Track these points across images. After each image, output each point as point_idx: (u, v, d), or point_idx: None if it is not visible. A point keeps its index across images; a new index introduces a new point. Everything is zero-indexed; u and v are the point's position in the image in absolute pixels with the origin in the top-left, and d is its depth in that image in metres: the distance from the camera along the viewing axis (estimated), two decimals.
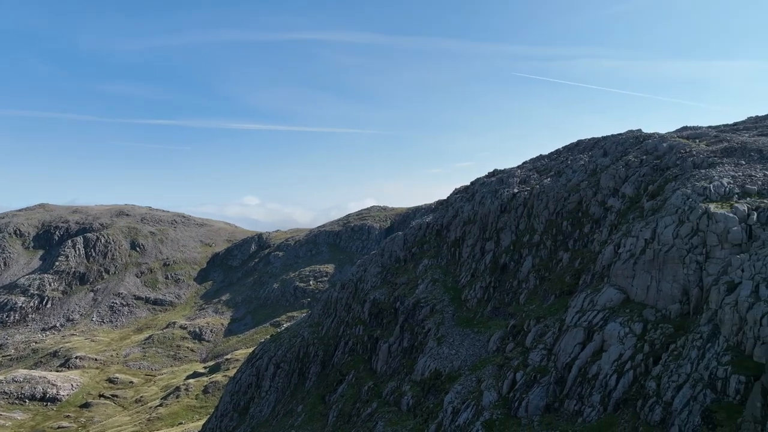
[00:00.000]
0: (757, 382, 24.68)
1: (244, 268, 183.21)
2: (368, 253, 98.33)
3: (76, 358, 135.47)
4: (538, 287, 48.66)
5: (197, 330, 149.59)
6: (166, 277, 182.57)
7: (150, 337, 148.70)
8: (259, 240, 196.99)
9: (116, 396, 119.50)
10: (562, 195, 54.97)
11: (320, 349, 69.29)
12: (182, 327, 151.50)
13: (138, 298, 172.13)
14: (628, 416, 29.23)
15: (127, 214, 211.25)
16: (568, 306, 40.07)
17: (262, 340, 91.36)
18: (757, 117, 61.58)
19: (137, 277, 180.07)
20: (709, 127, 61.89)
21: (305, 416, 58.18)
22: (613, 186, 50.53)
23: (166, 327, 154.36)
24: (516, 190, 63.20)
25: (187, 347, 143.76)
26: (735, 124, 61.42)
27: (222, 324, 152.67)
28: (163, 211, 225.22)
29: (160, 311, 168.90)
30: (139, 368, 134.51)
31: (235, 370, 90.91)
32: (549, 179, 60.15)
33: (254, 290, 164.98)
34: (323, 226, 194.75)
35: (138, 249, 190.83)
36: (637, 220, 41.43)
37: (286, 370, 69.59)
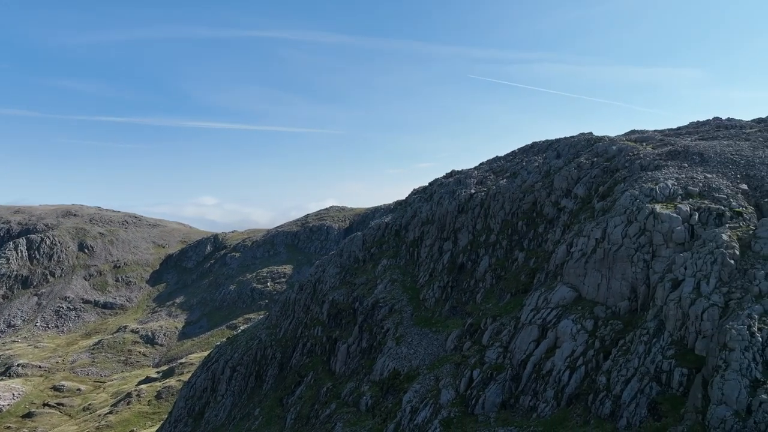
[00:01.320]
0: (699, 374, 25.95)
1: (199, 270, 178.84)
2: (327, 254, 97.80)
3: (18, 365, 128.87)
4: (495, 286, 49.59)
5: (150, 334, 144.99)
6: (117, 280, 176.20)
7: (99, 342, 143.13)
8: (215, 241, 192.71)
9: (62, 404, 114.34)
10: (517, 196, 56.22)
11: (278, 351, 68.40)
12: (134, 331, 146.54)
13: (86, 301, 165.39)
14: (580, 410, 30.17)
15: (75, 215, 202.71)
16: (524, 304, 41.02)
17: (218, 343, 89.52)
18: (698, 122, 64.74)
19: (85, 279, 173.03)
20: (655, 131, 64.62)
21: (262, 419, 57.30)
22: (565, 187, 52.05)
23: (117, 331, 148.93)
24: (473, 191, 64.21)
25: (139, 352, 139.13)
26: (678, 128, 64.37)
27: (176, 327, 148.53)
28: (114, 211, 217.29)
29: (111, 315, 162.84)
30: (88, 375, 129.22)
31: (189, 375, 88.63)
32: (505, 180, 61.40)
33: (210, 292, 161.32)
34: (281, 226, 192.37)
35: (86, 251, 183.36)
36: (589, 221, 42.84)
37: (243, 373, 68.36)
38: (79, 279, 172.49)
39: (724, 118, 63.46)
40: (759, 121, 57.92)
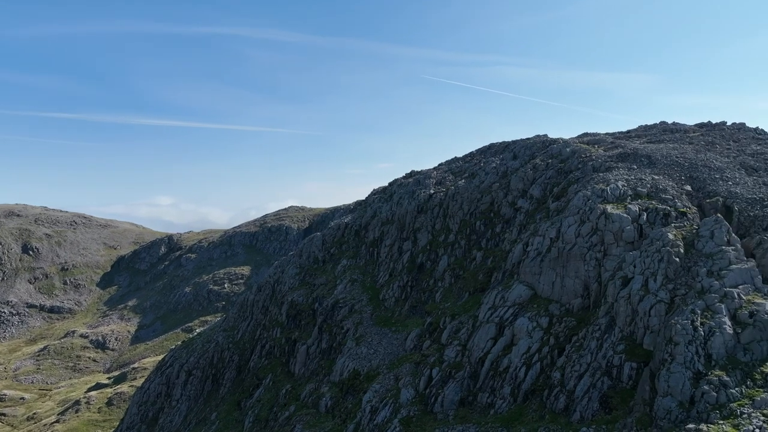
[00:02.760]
0: (647, 368, 27.05)
1: (152, 272, 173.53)
2: (286, 255, 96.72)
3: None
4: (454, 285, 50.21)
5: (100, 338, 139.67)
6: (65, 283, 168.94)
7: (45, 347, 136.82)
8: (170, 242, 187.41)
9: (4, 414, 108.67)
10: (475, 196, 57.12)
11: (236, 354, 67.16)
12: (83, 336, 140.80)
13: (31, 306, 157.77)
14: (536, 406, 30.93)
15: (18, 215, 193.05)
16: (481, 303, 41.71)
17: (173, 346, 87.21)
18: (646, 126, 67.45)
19: (30, 283, 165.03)
20: (607, 134, 66.93)
21: (219, 423, 56.12)
22: (522, 188, 53.23)
23: (65, 336, 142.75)
24: (432, 191, 64.84)
25: (89, 357, 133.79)
26: (628, 131, 66.88)
27: (128, 331, 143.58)
28: (61, 211, 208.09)
29: (58, 320, 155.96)
30: (32, 383, 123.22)
31: (143, 380, 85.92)
32: (463, 181, 62.27)
33: (164, 295, 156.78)
34: (239, 227, 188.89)
35: (31, 253, 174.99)
36: (544, 220, 43.97)
37: (199, 377, 66.78)
38: (23, 282, 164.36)
39: (670, 122, 66.37)
40: (701, 125, 60.86)
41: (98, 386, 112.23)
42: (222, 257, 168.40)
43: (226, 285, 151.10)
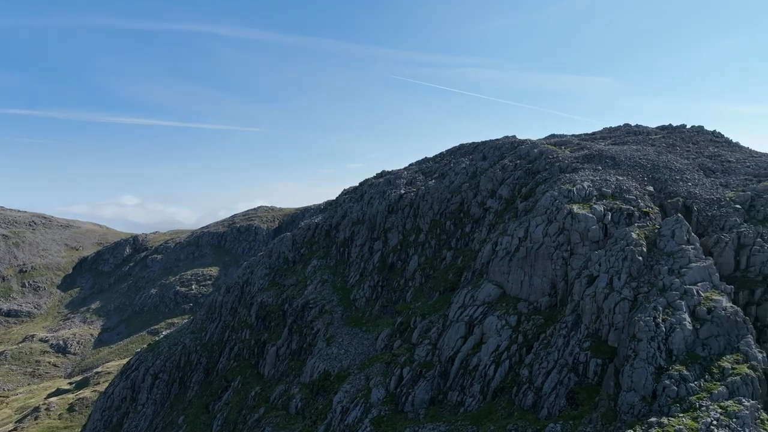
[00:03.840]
0: (611, 364, 27.75)
1: (117, 273, 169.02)
2: (255, 255, 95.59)
3: None
4: (424, 285, 50.50)
5: (61, 342, 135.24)
6: (23, 285, 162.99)
7: (2, 353, 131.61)
8: (135, 242, 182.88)
9: None
10: (445, 196, 57.58)
11: (203, 356, 66.01)
12: (43, 340, 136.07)
13: None
14: (505, 403, 31.37)
15: None
16: (451, 302, 42.06)
17: (139, 350, 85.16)
18: (611, 128, 69.23)
19: None
20: (573, 135, 68.42)
21: (187, 427, 55.05)
22: (491, 188, 53.92)
23: (23, 341, 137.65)
24: (403, 191, 65.07)
25: (49, 362, 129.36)
26: (593, 133, 68.53)
27: (91, 334, 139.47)
28: (20, 211, 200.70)
29: (15, 323, 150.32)
30: None
31: (106, 384, 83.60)
32: (434, 181, 62.70)
33: (129, 297, 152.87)
34: (207, 227, 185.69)
35: None
36: (512, 220, 44.64)
37: (166, 380, 65.38)
38: None
39: (633, 124, 68.29)
40: (663, 128, 62.82)
41: (59, 392, 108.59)
42: (189, 258, 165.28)
43: (193, 286, 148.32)
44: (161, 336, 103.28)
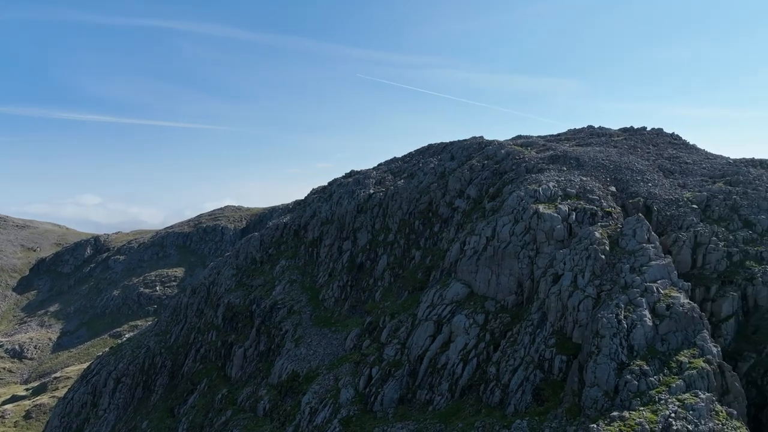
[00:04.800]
0: (575, 360, 28.41)
1: (77, 275, 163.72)
2: (222, 256, 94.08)
3: None
4: (393, 284, 50.63)
5: (17, 347, 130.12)
6: None
7: None
8: (96, 243, 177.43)
9: None
10: (414, 196, 57.87)
11: (168, 359, 64.58)
12: None
13: None
14: (473, 400, 31.73)
15: None
16: (420, 301, 42.30)
17: (100, 353, 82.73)
18: (575, 129, 70.85)
19: None
20: (539, 136, 69.73)
21: (151, 431, 53.78)
22: (459, 188, 54.45)
23: None
24: (372, 191, 65.09)
25: (4, 368, 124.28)
26: (558, 134, 70.00)
27: (49, 338, 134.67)
28: None
29: None
30: None
31: (65, 390, 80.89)
32: (402, 181, 62.93)
33: (90, 299, 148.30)
34: (172, 227, 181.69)
35: None
36: (480, 220, 45.20)
37: (129, 384, 63.71)
38: None
39: (596, 126, 70.05)
40: (625, 130, 64.64)
41: (14, 398, 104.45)
42: (153, 259, 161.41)
43: (157, 288, 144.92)
44: (124, 339, 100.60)
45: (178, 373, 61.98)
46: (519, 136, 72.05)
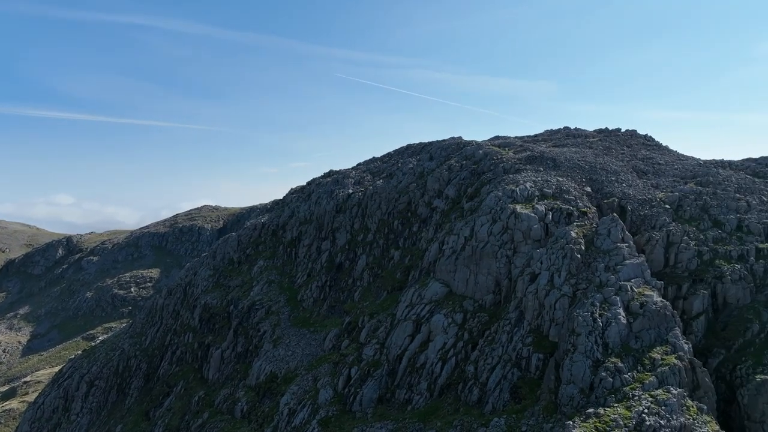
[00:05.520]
0: (552, 358, 28.79)
1: (48, 277, 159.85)
2: (199, 256, 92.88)
3: None
4: (372, 284, 50.63)
5: None
6: None
7: None
8: (68, 243, 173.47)
9: None
10: (393, 196, 57.96)
11: (143, 362, 63.48)
12: None
13: None
14: (451, 399, 31.92)
15: None
16: (399, 301, 42.39)
17: (73, 356, 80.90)
18: (551, 130, 71.83)
19: None
20: (516, 137, 70.50)
21: None
22: (438, 188, 54.72)
23: None
24: (351, 191, 64.98)
25: None
26: (535, 135, 70.88)
27: (19, 342, 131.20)
28: None
29: None
30: None
31: (36, 394, 78.88)
32: (381, 181, 62.97)
33: (62, 301, 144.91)
34: (147, 227, 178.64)
35: None
36: (458, 220, 45.49)
37: (102, 387, 62.45)
38: None
39: (572, 127, 71.13)
40: (600, 131, 65.77)
41: None
42: (128, 259, 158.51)
43: (132, 289, 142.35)
44: (98, 341, 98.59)
45: (154, 376, 60.98)
46: (497, 137, 72.74)
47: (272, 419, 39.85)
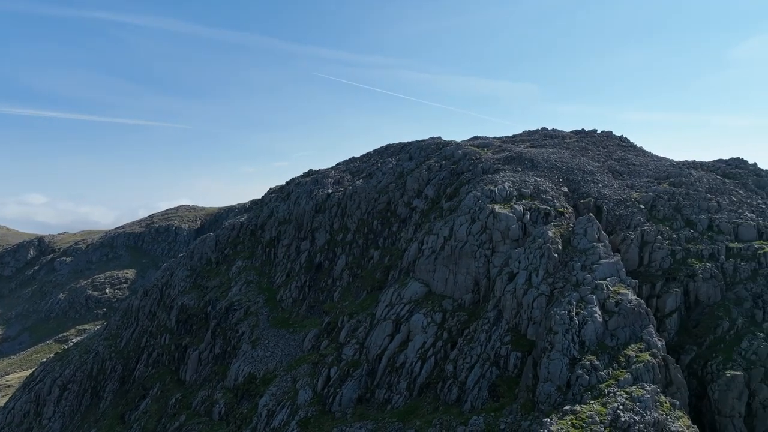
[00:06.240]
0: (530, 356, 29.12)
1: (19, 278, 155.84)
2: (176, 256, 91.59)
3: None
4: (351, 284, 50.54)
5: None
6: None
7: None
8: (40, 244, 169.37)
9: None
10: (373, 196, 57.95)
11: (119, 364, 62.33)
12: None
13: None
14: (431, 398, 32.05)
15: None
16: (379, 300, 42.40)
17: (44, 359, 79.00)
18: (529, 131, 72.62)
19: None
20: (495, 137, 71.10)
21: None
22: (417, 188, 54.89)
23: None
24: (330, 191, 64.78)
25: None
26: (514, 136, 71.58)
27: None
28: None
29: None
30: None
31: (6, 399, 76.82)
32: (361, 180, 62.90)
33: (33, 303, 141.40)
34: (122, 227, 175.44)
35: None
36: (438, 220, 45.69)
37: (76, 391, 61.11)
38: None
39: (550, 128, 72.01)
40: (576, 132, 66.72)
41: None
42: (103, 260, 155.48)
43: (107, 290, 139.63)
44: (71, 344, 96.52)
45: (129, 379, 59.93)
46: (476, 137, 73.25)
47: (251, 421, 39.50)
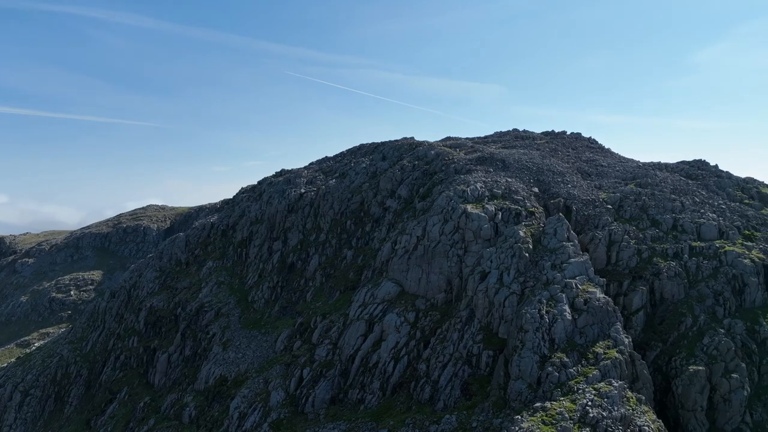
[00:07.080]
0: (501, 355, 29.51)
1: None
2: (144, 257, 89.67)
3: None
4: (325, 284, 50.31)
5: None
6: None
7: None
8: (0, 245, 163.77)
9: None
10: (346, 196, 57.80)
11: (84, 368, 60.65)
12: None
13: None
14: (404, 398, 32.17)
15: None
16: (352, 300, 42.32)
17: (5, 364, 76.35)
18: (501, 132, 73.57)
19: None
20: (467, 138, 71.78)
21: None
22: (390, 188, 55.00)
23: None
24: (303, 191, 64.36)
25: None
26: (486, 137, 72.41)
27: None
28: None
29: None
30: None
31: None
32: (334, 180, 62.68)
33: None
34: (89, 227, 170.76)
35: None
36: (411, 219, 45.89)
37: (39, 396, 59.20)
38: None
39: (521, 129, 73.08)
40: (547, 133, 67.89)
41: None
42: (67, 261, 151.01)
43: (72, 292, 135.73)
44: (33, 348, 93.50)
45: (96, 383, 58.38)
46: (448, 138, 73.79)
47: (222, 424, 38.95)
